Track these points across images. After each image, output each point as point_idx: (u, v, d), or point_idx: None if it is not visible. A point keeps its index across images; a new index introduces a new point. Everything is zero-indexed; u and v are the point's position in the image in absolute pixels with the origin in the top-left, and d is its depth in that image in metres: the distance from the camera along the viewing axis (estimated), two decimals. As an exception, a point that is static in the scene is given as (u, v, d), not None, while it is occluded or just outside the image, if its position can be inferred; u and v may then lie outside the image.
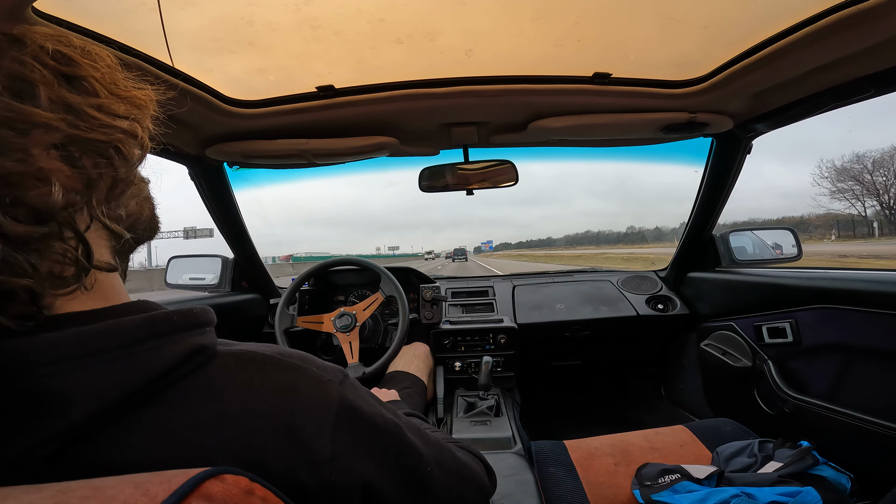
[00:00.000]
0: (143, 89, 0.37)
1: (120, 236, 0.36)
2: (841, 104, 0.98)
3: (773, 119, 1.13)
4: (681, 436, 1.12)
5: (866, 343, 0.98)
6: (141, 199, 0.40)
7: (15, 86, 0.28)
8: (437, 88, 1.03)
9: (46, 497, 0.24)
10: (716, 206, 1.46)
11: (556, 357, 1.90)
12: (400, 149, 1.27)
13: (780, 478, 0.86)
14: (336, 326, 1.38)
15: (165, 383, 0.31)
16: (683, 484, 0.87)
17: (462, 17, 0.80)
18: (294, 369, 0.37)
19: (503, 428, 1.15)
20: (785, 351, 1.19)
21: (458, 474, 0.51)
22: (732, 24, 0.84)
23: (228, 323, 1.51)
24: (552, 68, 1.00)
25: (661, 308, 1.69)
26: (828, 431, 1.00)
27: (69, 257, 0.30)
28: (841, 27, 0.73)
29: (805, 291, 1.13)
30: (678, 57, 0.97)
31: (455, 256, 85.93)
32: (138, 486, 0.25)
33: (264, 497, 0.28)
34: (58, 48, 0.31)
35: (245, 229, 1.53)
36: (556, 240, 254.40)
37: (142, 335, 0.31)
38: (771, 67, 0.90)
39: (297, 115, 1.07)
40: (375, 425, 0.40)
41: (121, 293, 0.36)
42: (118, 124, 0.33)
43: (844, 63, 0.85)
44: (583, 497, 0.93)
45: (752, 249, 1.63)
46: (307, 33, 0.82)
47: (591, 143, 1.30)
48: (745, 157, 1.32)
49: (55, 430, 0.27)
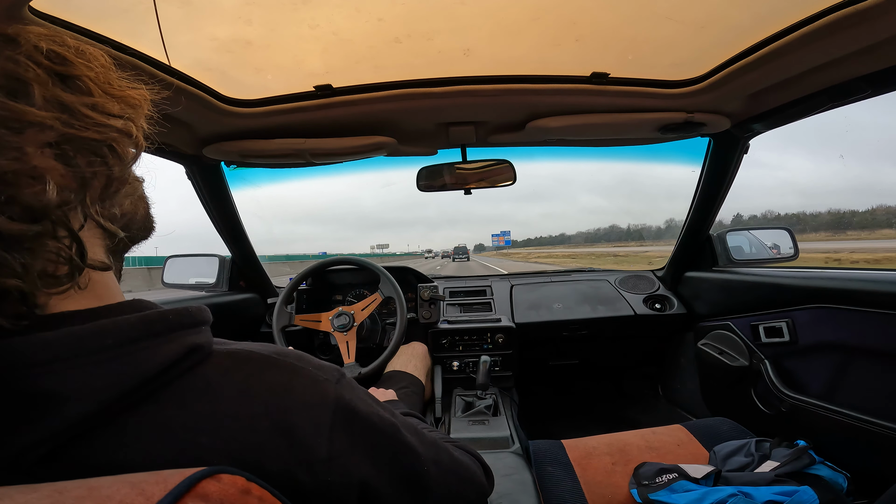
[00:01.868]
0: (137, 88, 0.37)
1: (114, 235, 0.36)
2: (838, 104, 0.98)
3: (770, 119, 1.13)
4: (678, 435, 1.12)
5: (863, 342, 0.98)
6: (135, 198, 0.40)
7: (9, 85, 0.28)
8: (435, 88, 1.02)
9: (42, 497, 0.23)
10: (713, 205, 1.46)
11: (554, 356, 1.90)
12: (398, 148, 1.27)
13: (777, 477, 0.86)
14: (334, 326, 1.38)
15: (161, 383, 0.31)
16: (681, 483, 0.87)
17: (460, 16, 0.80)
18: (290, 368, 0.37)
19: (501, 427, 1.15)
20: (781, 350, 1.20)
21: (456, 474, 0.51)
22: (730, 24, 0.84)
23: (226, 322, 1.51)
24: (550, 68, 1.00)
25: (659, 307, 1.70)
26: (824, 431, 1.00)
27: (63, 256, 0.30)
28: (837, 27, 0.74)
29: (801, 291, 1.13)
30: (676, 57, 0.97)
31: (456, 256, 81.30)
32: (134, 486, 0.25)
33: (261, 497, 0.28)
34: (52, 47, 0.31)
35: (242, 229, 1.52)
36: (571, 237, 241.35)
37: (137, 334, 0.31)
38: (768, 67, 0.90)
39: (295, 115, 1.07)
40: (372, 425, 0.40)
41: (116, 292, 0.36)
42: (112, 123, 0.33)
43: (841, 63, 0.85)
44: (581, 496, 0.93)
45: (749, 249, 1.64)
46: (305, 32, 0.82)
47: (589, 142, 1.30)
48: (742, 156, 1.32)
49: (50, 429, 0.27)
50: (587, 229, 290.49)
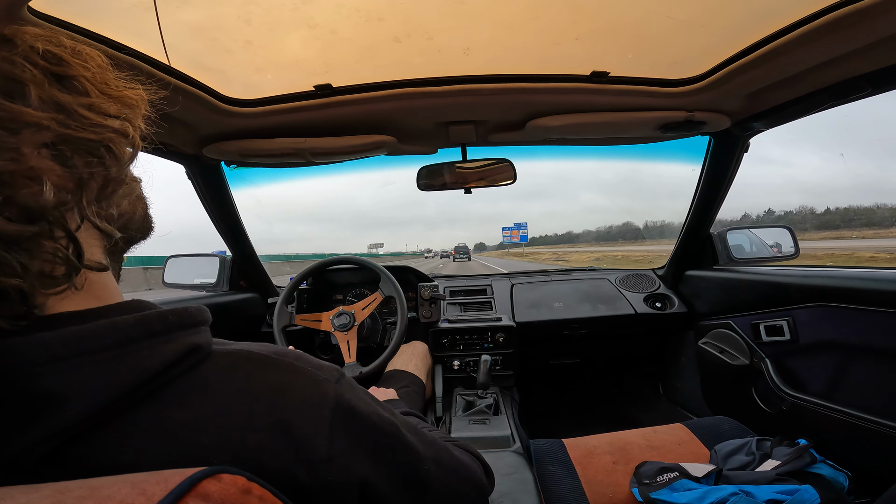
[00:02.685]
0: (134, 89, 0.37)
1: (111, 236, 0.36)
2: (838, 103, 0.98)
3: (770, 118, 1.13)
4: (679, 434, 1.12)
5: (863, 341, 0.98)
6: (133, 199, 0.40)
7: (5, 85, 0.28)
8: (435, 87, 1.02)
9: (43, 497, 0.23)
10: (713, 204, 1.46)
11: (555, 355, 1.90)
12: (398, 147, 1.27)
13: (778, 476, 0.86)
14: (334, 325, 1.38)
15: (160, 382, 0.31)
16: (682, 482, 0.87)
17: (460, 15, 0.80)
18: (290, 368, 0.37)
19: (502, 426, 1.15)
20: (782, 349, 1.20)
21: (456, 473, 0.51)
22: (730, 22, 0.84)
23: (227, 322, 1.51)
24: (550, 67, 1.00)
25: (660, 306, 1.70)
26: (825, 429, 1.00)
27: (60, 256, 0.30)
28: (837, 26, 0.74)
29: (802, 289, 1.13)
30: (675, 55, 0.97)
31: (457, 256, 77.61)
32: (135, 486, 0.25)
33: (261, 496, 0.28)
34: (48, 48, 0.31)
35: (243, 228, 1.52)
36: (578, 235, 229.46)
37: (136, 334, 0.31)
38: (768, 66, 0.90)
39: (295, 114, 1.07)
40: (372, 424, 0.40)
41: (115, 293, 0.36)
42: (109, 123, 0.33)
43: (841, 62, 0.85)
44: (581, 495, 0.93)
45: (749, 248, 1.64)
46: (305, 32, 0.81)
47: (590, 141, 1.30)
48: (742, 155, 1.32)
49: (50, 429, 0.27)
50: (596, 227, 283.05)
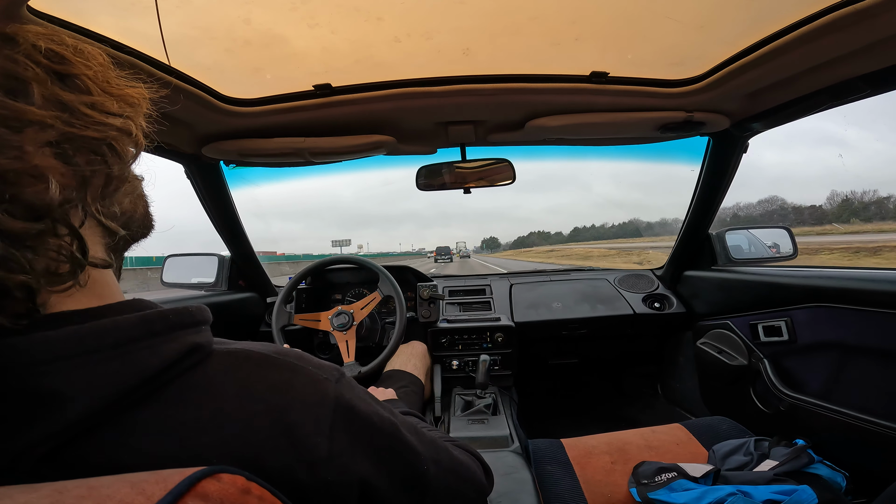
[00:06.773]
0: (135, 87, 0.37)
1: (114, 233, 0.36)
2: (837, 104, 0.98)
3: (769, 118, 1.14)
4: (677, 434, 1.13)
5: (861, 341, 0.99)
6: (135, 197, 0.40)
7: (8, 84, 0.28)
8: (434, 87, 1.02)
9: (43, 496, 0.23)
10: (712, 204, 1.47)
11: (554, 355, 1.90)
12: (397, 147, 1.27)
13: (776, 476, 0.86)
14: (333, 325, 1.38)
15: (161, 382, 0.31)
16: (680, 482, 0.87)
17: (459, 15, 0.80)
18: (290, 368, 0.37)
19: (500, 426, 1.16)
20: (780, 349, 1.20)
21: (455, 473, 0.51)
22: (729, 23, 0.84)
23: (225, 321, 1.51)
24: (549, 67, 1.00)
25: (658, 306, 1.70)
26: (823, 430, 1.01)
27: (64, 253, 0.30)
28: (837, 27, 0.74)
29: (800, 290, 1.13)
30: (675, 56, 0.97)
31: (438, 257, 69.89)
32: (134, 486, 0.25)
33: (261, 496, 0.28)
34: (50, 46, 0.31)
35: (242, 228, 1.52)
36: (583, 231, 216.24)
37: (137, 334, 0.31)
38: (767, 67, 0.90)
39: (295, 114, 1.07)
40: (372, 424, 0.40)
41: (116, 292, 0.36)
42: (111, 122, 0.33)
43: (840, 62, 0.85)
44: (580, 495, 0.93)
45: (748, 248, 1.64)
46: (304, 32, 0.81)
47: (589, 142, 1.30)
48: (741, 155, 1.32)
49: (51, 429, 0.27)
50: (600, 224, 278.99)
